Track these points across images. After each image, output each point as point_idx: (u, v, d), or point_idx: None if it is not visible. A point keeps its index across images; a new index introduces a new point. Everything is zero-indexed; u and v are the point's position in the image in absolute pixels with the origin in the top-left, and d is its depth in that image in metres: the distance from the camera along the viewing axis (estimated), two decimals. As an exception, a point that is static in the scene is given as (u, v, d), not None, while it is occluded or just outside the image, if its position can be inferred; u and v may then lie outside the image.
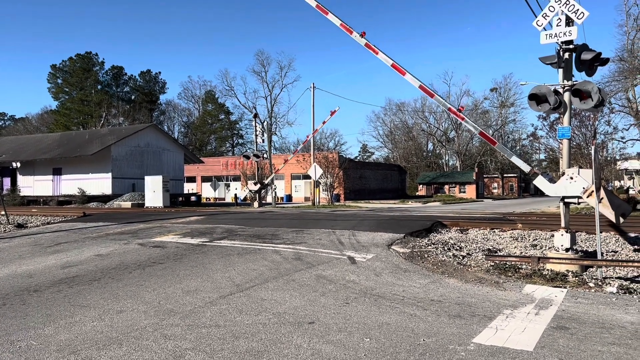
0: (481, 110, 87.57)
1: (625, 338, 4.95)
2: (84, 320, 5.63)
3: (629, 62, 25.98)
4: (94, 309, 6.13)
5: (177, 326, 5.35)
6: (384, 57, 11.61)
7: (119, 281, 7.76)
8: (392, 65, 11.57)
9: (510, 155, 10.88)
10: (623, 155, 35.78)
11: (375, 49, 11.63)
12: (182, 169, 46.49)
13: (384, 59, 11.61)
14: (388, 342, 4.79)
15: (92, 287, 7.39)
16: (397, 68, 11.57)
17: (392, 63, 11.59)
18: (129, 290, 7.16)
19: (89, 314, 5.87)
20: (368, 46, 11.70)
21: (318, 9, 12.55)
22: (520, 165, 10.70)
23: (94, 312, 5.96)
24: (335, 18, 12.27)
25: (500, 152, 11.77)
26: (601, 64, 9.59)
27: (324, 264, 8.92)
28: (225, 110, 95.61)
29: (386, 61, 11.54)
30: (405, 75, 11.47)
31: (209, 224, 15.83)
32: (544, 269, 8.79)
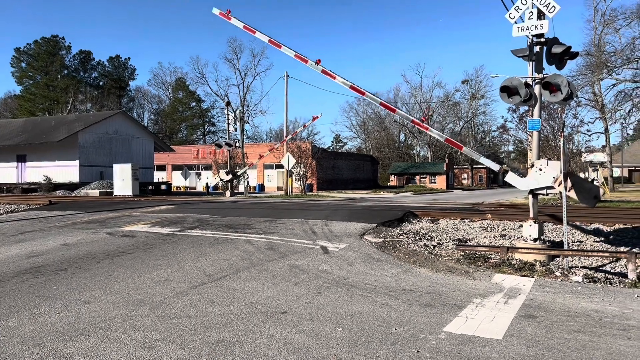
0: (452, 102, 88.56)
1: (589, 326, 5.08)
2: (50, 311, 5.48)
3: (596, 57, 26.62)
4: (60, 299, 5.97)
5: (147, 317, 5.25)
6: (342, 80, 12.21)
7: (86, 271, 7.58)
8: (351, 87, 12.13)
9: (479, 157, 11.13)
10: (588, 148, 36.77)
11: (332, 74, 12.10)
12: (152, 157, 45.70)
13: (342, 82, 12.21)
14: (360, 332, 4.81)
15: (58, 277, 7.20)
16: (355, 89, 12.15)
17: (351, 85, 12.20)
18: (97, 280, 7.00)
19: (55, 305, 5.72)
20: (325, 72, 12.10)
21: (271, 43, 12.96)
22: (489, 165, 10.89)
23: (60, 303, 5.80)
24: (289, 50, 12.83)
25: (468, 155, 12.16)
26: (570, 58, 9.77)
27: (297, 254, 8.90)
28: (197, 97, 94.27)
29: (344, 84, 12.13)
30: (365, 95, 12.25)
31: (179, 213, 15.62)
32: (513, 258, 8.96)
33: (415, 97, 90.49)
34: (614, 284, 7.46)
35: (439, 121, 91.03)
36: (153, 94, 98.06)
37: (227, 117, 34.90)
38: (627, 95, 26.01)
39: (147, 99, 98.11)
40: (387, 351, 4.30)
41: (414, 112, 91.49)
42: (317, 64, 12.08)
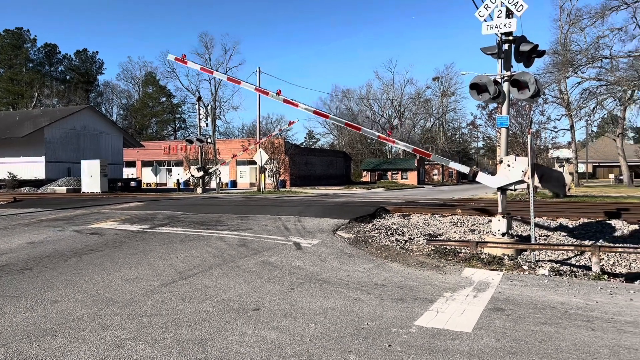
0: (423, 99, 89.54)
1: (556, 318, 5.22)
2: (15, 311, 5.34)
3: (562, 55, 27.28)
4: (26, 299, 5.82)
5: (117, 315, 5.17)
6: (305, 107, 12.46)
7: (53, 270, 7.40)
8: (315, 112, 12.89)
9: (447, 162, 11.44)
10: (555, 144, 37.71)
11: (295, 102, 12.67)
12: (121, 153, 44.86)
13: (305, 109, 12.52)
14: (333, 327, 4.83)
15: (23, 276, 7.01)
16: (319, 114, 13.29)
17: (314, 110, 12.71)
18: (64, 279, 6.84)
19: (20, 305, 5.57)
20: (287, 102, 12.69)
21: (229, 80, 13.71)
22: (459, 169, 11.10)
23: (26, 303, 5.65)
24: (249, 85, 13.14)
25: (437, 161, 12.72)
26: (538, 56, 9.98)
27: (270, 250, 8.88)
28: (167, 92, 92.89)
29: (308, 110, 12.80)
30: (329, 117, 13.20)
31: (150, 210, 15.39)
32: (482, 253, 9.13)
33: (387, 94, 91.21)
34: (578, 277, 7.68)
35: (411, 117, 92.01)
36: (122, 89, 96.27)
37: (198, 112, 34.48)
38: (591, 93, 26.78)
39: (115, 93, 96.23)
40: (360, 346, 4.34)
41: (386, 108, 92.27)
42: (278, 95, 12.67)
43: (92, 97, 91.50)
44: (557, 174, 9.83)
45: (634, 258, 10.24)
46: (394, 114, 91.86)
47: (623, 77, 24.77)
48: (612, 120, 56.55)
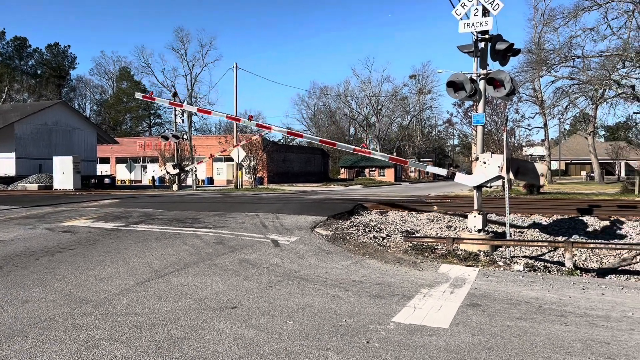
0: (400, 97, 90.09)
1: (530, 313, 5.30)
2: (-16, 312, 5.18)
3: (536, 54, 27.74)
4: (-5, 299, 5.66)
5: (90, 315, 5.06)
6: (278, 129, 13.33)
7: (24, 269, 7.22)
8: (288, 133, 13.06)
9: (425, 167, 11.66)
10: (529, 142, 38.39)
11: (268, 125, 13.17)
12: (95, 149, 44.06)
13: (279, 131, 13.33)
14: (311, 324, 4.82)
15: (-7, 276, 6.82)
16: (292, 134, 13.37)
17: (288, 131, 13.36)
18: (36, 278, 6.68)
19: (-11, 305, 5.41)
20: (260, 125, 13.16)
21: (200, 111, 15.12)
22: (437, 172, 11.27)
23: (-5, 303, 5.50)
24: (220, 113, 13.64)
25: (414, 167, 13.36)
26: (513, 55, 10.12)
27: (247, 248, 8.82)
28: (142, 88, 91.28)
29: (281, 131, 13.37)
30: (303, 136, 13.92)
31: (124, 208, 15.14)
32: (458, 249, 9.23)
33: (365, 91, 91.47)
34: (552, 272, 7.83)
35: (388, 115, 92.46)
36: (95, 84, 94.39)
37: (174, 108, 34.05)
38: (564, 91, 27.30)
39: (89, 89, 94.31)
40: (338, 343, 4.33)
41: (364, 105, 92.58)
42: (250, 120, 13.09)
43: (64, 92, 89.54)
44: (531, 166, 10.00)
45: (605, 253, 10.49)
46: (371, 111, 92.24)
47: (594, 76, 25.32)
48: (584, 118, 57.83)
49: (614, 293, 6.20)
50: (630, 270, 9.58)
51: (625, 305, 5.65)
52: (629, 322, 5.02)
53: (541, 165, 10.04)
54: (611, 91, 26.86)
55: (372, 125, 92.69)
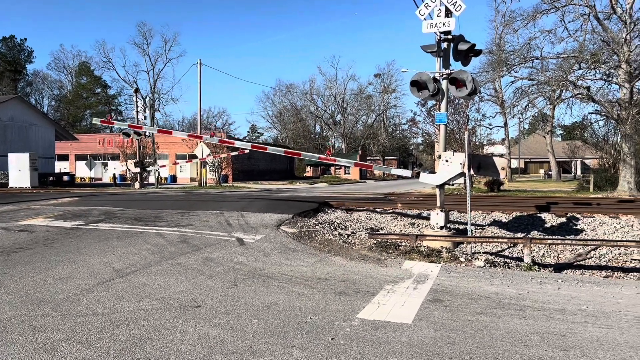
0: (365, 95, 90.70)
1: (491, 307, 5.44)
2: None
3: (497, 55, 28.39)
4: (-54, 302, 5.43)
5: (49, 316, 4.92)
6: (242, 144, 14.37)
7: (-23, 270, 6.95)
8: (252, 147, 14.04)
9: (389, 169, 11.91)
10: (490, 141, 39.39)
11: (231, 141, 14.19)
12: (53, 146, 42.72)
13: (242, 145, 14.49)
14: (276, 322, 4.82)
15: (-57, 277, 6.54)
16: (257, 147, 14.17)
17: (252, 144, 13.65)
18: (-10, 279, 6.43)
19: (-61, 308, 5.18)
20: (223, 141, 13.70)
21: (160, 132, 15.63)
22: (402, 174, 11.48)
23: (-54, 306, 5.27)
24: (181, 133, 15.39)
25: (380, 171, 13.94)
26: (475, 55, 10.34)
27: (212, 247, 8.73)
28: (103, 83, 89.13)
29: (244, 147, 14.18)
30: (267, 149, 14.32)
31: (84, 206, 14.75)
32: (421, 245, 9.38)
33: (330, 90, 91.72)
34: (511, 268, 8.06)
35: (353, 113, 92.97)
36: (54, 79, 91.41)
37: (135, 104, 33.34)
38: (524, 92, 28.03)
39: (47, 83, 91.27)
40: (303, 340, 4.34)
41: (329, 103, 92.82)
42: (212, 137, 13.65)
43: (20, 86, 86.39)
44: (492, 161, 10.26)
45: (561, 249, 10.85)
46: (337, 110, 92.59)
47: (552, 77, 26.10)
48: (542, 118, 59.60)
49: (569, 287, 6.43)
50: (585, 265, 9.94)
51: (580, 298, 5.87)
52: (583, 315, 5.22)
53: (501, 159, 10.31)
54: (568, 92, 27.72)
55: (338, 124, 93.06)
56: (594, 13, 25.05)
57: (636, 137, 26.22)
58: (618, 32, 25.18)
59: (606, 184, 27.78)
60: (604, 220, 12.84)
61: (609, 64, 25.84)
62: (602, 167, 32.17)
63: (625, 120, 24.73)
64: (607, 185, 27.51)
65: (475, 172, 10.17)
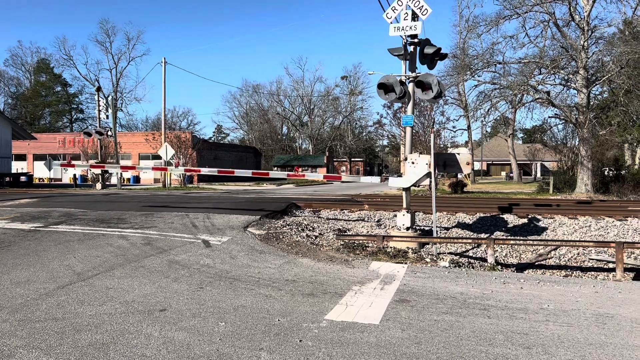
0: (332, 97, 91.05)
1: (456, 307, 5.53)
2: None
3: (461, 59, 28.94)
4: None
5: (6, 322, 4.73)
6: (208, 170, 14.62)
7: None
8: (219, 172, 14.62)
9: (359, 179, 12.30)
10: (454, 143, 40.10)
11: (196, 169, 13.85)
12: (10, 145, 41.16)
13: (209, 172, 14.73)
14: (244, 325, 4.77)
15: None
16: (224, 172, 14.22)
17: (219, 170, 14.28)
18: (-58, 284, 6.15)
19: None
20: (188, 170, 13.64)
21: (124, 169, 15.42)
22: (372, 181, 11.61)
23: None
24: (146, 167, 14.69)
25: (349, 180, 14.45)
26: (440, 59, 10.51)
27: (177, 249, 8.58)
28: (63, 81, 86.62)
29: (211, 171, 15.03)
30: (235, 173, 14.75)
31: (43, 207, 14.28)
32: (388, 246, 9.46)
33: (297, 91, 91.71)
34: (476, 268, 8.21)
35: (320, 115, 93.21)
36: (11, 76, 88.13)
37: (97, 103, 32.53)
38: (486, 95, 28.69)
39: (3, 81, 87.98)
40: (271, 342, 4.31)
41: (297, 105, 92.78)
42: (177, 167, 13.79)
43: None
44: (455, 157, 10.47)
45: (523, 249, 11.13)
46: (304, 111, 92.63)
47: (514, 81, 26.79)
48: (504, 121, 61.06)
49: (531, 287, 6.60)
50: (546, 265, 10.23)
51: (542, 297, 6.03)
52: (545, 313, 5.36)
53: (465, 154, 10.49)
54: (529, 96, 28.50)
55: (305, 125, 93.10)
56: (554, 20, 25.85)
57: (593, 141, 27.18)
58: (576, 38, 26.07)
59: (565, 185, 28.69)
60: (563, 221, 13.25)
61: (567, 70, 26.72)
62: (561, 169, 33.23)
63: (583, 124, 25.60)
64: (565, 187, 28.42)
65: (441, 170, 10.36)
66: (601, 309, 5.55)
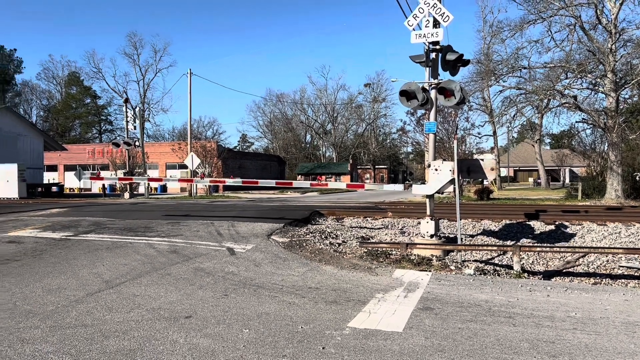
0: (355, 105, 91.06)
1: (481, 315, 5.47)
2: None
3: (485, 65, 28.65)
4: None
5: (37, 328, 4.88)
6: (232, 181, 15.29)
7: (-36, 282, 6.87)
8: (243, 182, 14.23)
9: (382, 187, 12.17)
10: (479, 150, 39.61)
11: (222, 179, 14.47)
12: (42, 156, 42.36)
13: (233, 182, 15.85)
14: (267, 332, 4.81)
15: None
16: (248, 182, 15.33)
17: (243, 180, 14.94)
18: (-23, 291, 6.37)
19: None
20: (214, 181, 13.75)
21: None
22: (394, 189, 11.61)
23: None
24: None
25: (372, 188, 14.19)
26: (463, 65, 10.45)
27: (202, 257, 8.70)
28: (92, 93, 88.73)
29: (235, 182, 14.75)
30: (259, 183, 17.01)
31: (73, 217, 14.64)
32: (412, 254, 9.41)
33: (321, 99, 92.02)
34: (501, 275, 8.10)
35: (343, 122, 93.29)
36: (43, 89, 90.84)
37: (125, 114, 33.25)
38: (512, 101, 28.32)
39: (35, 94, 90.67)
40: (294, 349, 4.34)
41: (320, 113, 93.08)
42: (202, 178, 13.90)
43: (9, 97, 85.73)
44: (479, 163, 10.38)
45: (550, 257, 10.93)
46: (327, 119, 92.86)
47: (540, 86, 26.40)
48: (530, 127, 60.21)
49: (558, 294, 6.49)
50: (574, 272, 10.03)
51: (569, 305, 5.92)
52: (572, 321, 5.27)
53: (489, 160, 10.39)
54: (555, 101, 28.06)
55: (328, 133, 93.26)
56: (580, 23, 25.42)
57: (622, 146, 26.54)
58: (603, 42, 25.55)
59: (594, 191, 28.06)
60: (592, 228, 12.97)
61: (595, 74, 26.20)
62: (590, 175, 32.51)
63: (612, 129, 25.03)
64: (595, 193, 27.79)
65: (465, 177, 10.28)
66: (631, 317, 5.43)
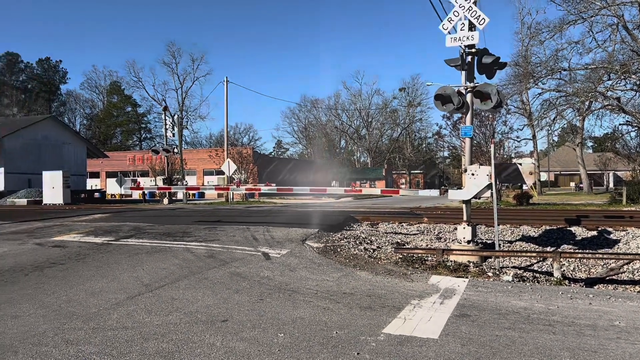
0: (390, 109, 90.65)
1: (519, 323, 5.36)
2: (-28, 328, 5.15)
3: (523, 67, 28.12)
4: (-16, 315, 5.62)
5: (81, 330, 5.05)
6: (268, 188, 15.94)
7: (13, 284, 7.18)
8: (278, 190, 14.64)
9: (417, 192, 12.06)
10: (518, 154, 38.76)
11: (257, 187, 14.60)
12: (85, 163, 43.89)
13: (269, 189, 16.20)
14: (302, 336, 4.84)
15: (-19, 291, 6.77)
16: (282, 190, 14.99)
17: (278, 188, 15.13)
18: (26, 293, 6.64)
19: (-22, 321, 5.37)
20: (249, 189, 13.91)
21: None
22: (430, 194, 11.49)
23: (-16, 319, 5.46)
24: None
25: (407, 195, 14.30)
26: (499, 68, 10.29)
27: (238, 261, 8.82)
28: (132, 102, 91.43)
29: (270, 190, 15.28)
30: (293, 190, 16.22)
31: (114, 222, 15.08)
32: (448, 260, 9.29)
33: (355, 104, 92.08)
34: (541, 282, 7.91)
35: (378, 127, 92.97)
36: (86, 98, 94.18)
37: (164, 122, 34.07)
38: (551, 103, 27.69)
39: (79, 103, 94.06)
40: (328, 354, 4.36)
41: (354, 118, 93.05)
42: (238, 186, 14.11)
43: (54, 106, 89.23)
44: (517, 167, 10.20)
45: (592, 263, 10.60)
46: (362, 124, 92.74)
47: (581, 88, 25.71)
48: (571, 130, 58.52)
49: (601, 302, 6.28)
50: (618, 280, 9.69)
51: (612, 314, 5.73)
52: (615, 330, 5.09)
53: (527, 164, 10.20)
54: (597, 103, 27.30)
55: (363, 138, 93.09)
56: (623, 23, 24.65)
57: (670, 148, 25.51)
58: (648, 41, 24.69)
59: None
60: (637, 234, 12.50)
61: (639, 74, 25.32)
62: (635, 179, 31.33)
63: (658, 131, 24.11)
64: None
65: (503, 181, 10.12)
66: (679, 327, 5.21)
